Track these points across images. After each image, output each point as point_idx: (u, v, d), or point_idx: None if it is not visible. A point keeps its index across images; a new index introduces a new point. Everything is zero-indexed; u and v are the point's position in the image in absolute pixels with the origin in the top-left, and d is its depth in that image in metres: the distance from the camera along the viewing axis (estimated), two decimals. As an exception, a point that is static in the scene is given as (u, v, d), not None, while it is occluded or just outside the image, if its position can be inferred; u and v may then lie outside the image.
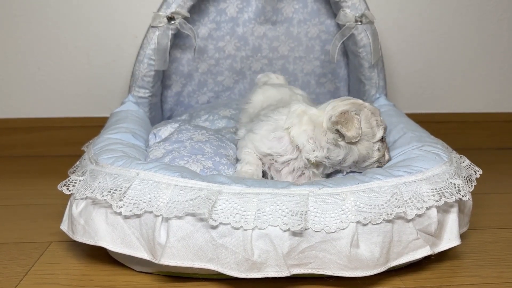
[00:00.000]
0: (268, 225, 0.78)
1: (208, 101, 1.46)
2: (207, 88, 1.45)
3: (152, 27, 1.24)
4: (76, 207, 0.86)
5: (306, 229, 0.79)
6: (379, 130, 0.96)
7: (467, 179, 0.91)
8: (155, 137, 1.13)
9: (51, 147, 1.58)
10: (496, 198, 1.25)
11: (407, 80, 1.65)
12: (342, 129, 0.91)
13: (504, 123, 1.70)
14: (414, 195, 0.84)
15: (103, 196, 0.83)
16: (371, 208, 0.80)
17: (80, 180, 0.89)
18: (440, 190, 0.85)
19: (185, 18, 1.24)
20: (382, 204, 0.81)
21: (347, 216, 0.79)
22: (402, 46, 1.61)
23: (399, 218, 0.82)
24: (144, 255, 0.83)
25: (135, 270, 0.88)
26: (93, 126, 1.42)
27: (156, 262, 0.81)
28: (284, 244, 0.78)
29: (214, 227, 0.79)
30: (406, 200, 0.83)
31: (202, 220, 0.79)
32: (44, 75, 1.55)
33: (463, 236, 0.95)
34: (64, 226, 0.89)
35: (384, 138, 0.99)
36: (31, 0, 1.49)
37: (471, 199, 0.92)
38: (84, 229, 0.85)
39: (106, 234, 0.84)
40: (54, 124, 1.57)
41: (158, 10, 1.23)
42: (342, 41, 1.29)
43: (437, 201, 0.84)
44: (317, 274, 0.81)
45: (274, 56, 1.44)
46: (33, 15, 1.50)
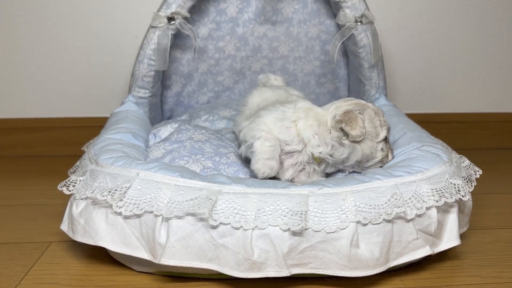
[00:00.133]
0: (268, 225, 0.78)
1: (208, 101, 1.46)
2: (207, 88, 1.45)
3: (152, 27, 1.24)
4: (76, 207, 0.87)
5: (306, 229, 0.79)
6: (382, 130, 0.96)
7: (467, 179, 0.91)
8: (155, 137, 1.12)
9: (51, 147, 1.58)
10: (496, 198, 1.25)
11: (407, 80, 1.64)
12: (346, 127, 0.91)
13: (504, 123, 1.70)
14: (414, 195, 0.84)
15: (103, 196, 0.83)
16: (371, 208, 0.80)
17: (80, 180, 0.89)
18: (440, 190, 0.85)
19: (185, 18, 1.24)
20: (382, 204, 0.81)
21: (347, 216, 0.80)
22: (402, 46, 1.61)
23: (399, 218, 0.82)
24: (144, 255, 0.83)
25: (135, 270, 0.88)
26: (93, 126, 1.42)
27: (156, 262, 0.81)
28: (284, 244, 0.78)
29: (214, 227, 0.79)
30: (406, 200, 0.83)
31: (202, 220, 0.79)
32: (44, 75, 1.55)
33: (463, 236, 0.95)
34: (64, 226, 0.90)
35: (387, 138, 0.99)
36: (31, 0, 1.49)
37: (471, 199, 0.92)
38: (84, 229, 0.85)
39: (106, 234, 0.84)
40: (54, 124, 1.57)
41: (158, 10, 1.23)
42: (342, 41, 1.29)
43: (437, 201, 0.84)
44: (317, 274, 0.81)
45: (274, 56, 1.44)
46: (33, 15, 1.50)
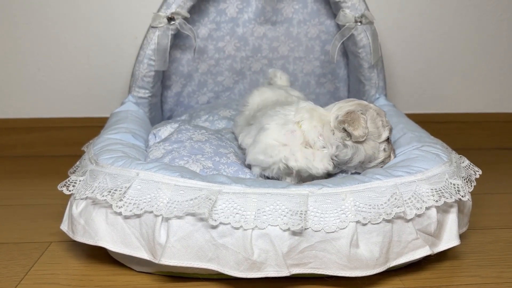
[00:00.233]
0: (268, 224, 0.78)
1: (208, 101, 1.46)
2: (207, 88, 1.45)
3: (152, 27, 1.24)
4: (76, 207, 0.87)
5: (305, 228, 0.79)
6: (384, 131, 0.96)
7: (467, 179, 0.91)
8: (155, 137, 1.13)
9: (51, 147, 1.58)
10: (496, 198, 1.25)
11: (407, 81, 1.64)
12: (349, 128, 0.91)
13: (504, 123, 1.70)
14: (414, 195, 0.84)
15: (103, 196, 0.83)
16: (370, 208, 0.80)
17: (80, 180, 0.89)
18: (440, 190, 0.85)
19: (185, 19, 1.24)
20: (382, 204, 0.81)
21: (347, 216, 0.80)
22: (402, 46, 1.61)
23: (399, 218, 0.82)
24: (144, 255, 0.83)
25: (135, 270, 0.88)
26: (93, 126, 1.42)
27: (156, 262, 0.81)
28: (284, 244, 0.78)
29: (214, 227, 0.79)
30: (406, 200, 0.83)
31: (202, 220, 0.79)
32: (44, 75, 1.55)
33: (462, 236, 0.95)
34: (64, 226, 0.90)
35: (389, 139, 0.99)
36: (31, 0, 1.49)
37: (470, 199, 0.92)
38: (84, 229, 0.85)
39: (106, 234, 0.84)
40: (54, 124, 1.57)
41: (158, 10, 1.23)
42: (342, 41, 1.29)
43: (436, 201, 0.84)
44: (316, 274, 0.81)
45: (274, 57, 1.44)
46: (33, 15, 1.50)
